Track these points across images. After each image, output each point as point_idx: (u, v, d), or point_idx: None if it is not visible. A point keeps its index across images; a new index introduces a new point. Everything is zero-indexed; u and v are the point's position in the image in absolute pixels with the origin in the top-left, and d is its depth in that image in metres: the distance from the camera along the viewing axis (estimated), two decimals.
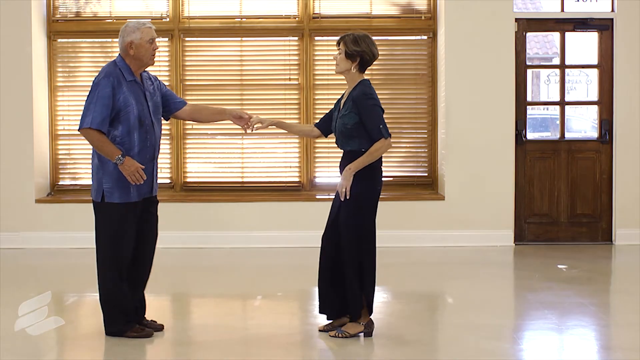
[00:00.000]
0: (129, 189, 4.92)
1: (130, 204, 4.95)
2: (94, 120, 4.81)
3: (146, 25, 5.00)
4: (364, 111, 4.89)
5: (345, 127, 4.95)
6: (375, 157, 4.95)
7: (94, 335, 5.19)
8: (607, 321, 5.61)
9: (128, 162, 4.83)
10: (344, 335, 4.99)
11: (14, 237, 8.23)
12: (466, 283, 6.72)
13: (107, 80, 4.87)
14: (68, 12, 8.64)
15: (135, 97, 4.93)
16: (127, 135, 4.90)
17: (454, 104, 8.23)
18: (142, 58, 4.99)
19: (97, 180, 4.96)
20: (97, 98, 4.85)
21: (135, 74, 5.00)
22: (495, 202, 8.28)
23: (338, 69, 5.05)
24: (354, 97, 4.95)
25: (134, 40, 4.96)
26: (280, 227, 8.30)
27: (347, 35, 5.01)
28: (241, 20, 8.62)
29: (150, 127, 5.00)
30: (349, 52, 4.97)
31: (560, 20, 8.44)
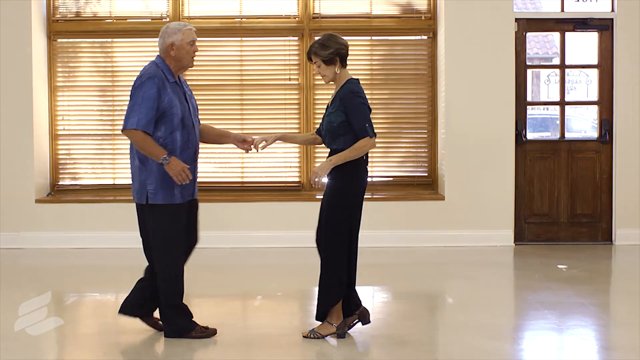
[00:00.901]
0: (173, 190, 4.88)
1: (175, 205, 4.91)
2: (139, 121, 4.76)
3: (187, 27, 4.99)
4: (350, 109, 4.87)
5: (332, 125, 4.93)
6: (358, 155, 4.89)
7: (94, 335, 5.20)
8: (607, 321, 5.61)
9: (174, 162, 4.79)
10: (316, 335, 4.98)
11: (14, 237, 8.23)
12: (466, 283, 6.72)
13: (152, 81, 4.83)
14: (68, 12, 8.64)
15: (179, 99, 4.92)
16: (170, 137, 4.86)
17: (454, 104, 8.23)
18: (182, 60, 4.97)
19: (140, 181, 4.91)
20: (142, 99, 4.79)
21: (175, 75, 4.98)
22: (495, 202, 8.28)
23: (327, 79, 5.01)
24: (341, 95, 4.93)
25: (175, 41, 4.94)
26: (280, 227, 8.30)
27: (313, 46, 4.98)
28: (241, 20, 8.62)
29: (192, 128, 4.98)
30: (325, 59, 4.95)
31: (560, 20, 8.44)
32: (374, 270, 7.28)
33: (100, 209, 8.34)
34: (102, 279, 7.02)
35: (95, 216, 8.31)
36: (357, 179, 4.96)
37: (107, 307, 6.18)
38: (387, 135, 8.64)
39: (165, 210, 4.90)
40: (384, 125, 8.63)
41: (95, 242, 8.23)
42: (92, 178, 8.67)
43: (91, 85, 8.67)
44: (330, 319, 5.01)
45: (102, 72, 8.66)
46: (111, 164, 8.65)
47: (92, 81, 8.67)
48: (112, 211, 8.30)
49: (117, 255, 7.95)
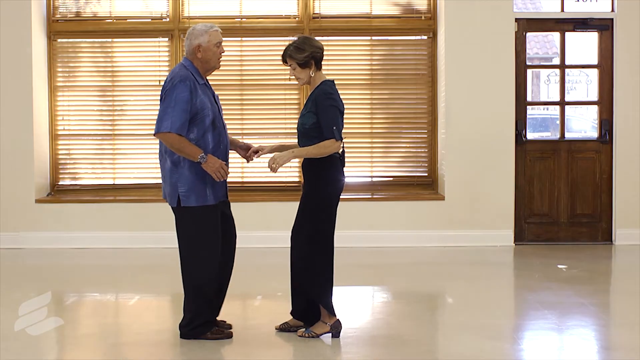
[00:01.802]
0: (205, 191, 4.89)
1: (208, 207, 4.91)
2: (173, 124, 4.75)
3: (214, 29, 4.98)
4: (320, 109, 4.87)
5: (304, 127, 4.94)
6: (321, 154, 4.87)
7: (94, 335, 5.20)
8: (607, 321, 5.61)
9: (211, 159, 4.82)
10: (311, 335, 4.99)
11: (14, 237, 8.23)
12: (466, 283, 6.72)
13: (184, 84, 4.81)
14: (68, 12, 8.64)
15: (209, 100, 4.93)
16: (202, 138, 4.87)
17: (454, 104, 8.23)
18: (209, 61, 4.97)
19: (171, 184, 4.90)
20: (175, 102, 4.78)
21: (203, 76, 4.99)
22: (495, 202, 8.28)
23: (302, 81, 5.03)
24: (315, 96, 4.94)
25: (201, 43, 4.94)
26: (280, 227, 8.27)
27: (288, 48, 4.98)
28: (241, 20, 8.62)
29: (222, 128, 5.00)
30: (300, 62, 4.96)
31: (560, 20, 8.44)
32: (374, 270, 7.29)
33: (100, 209, 8.35)
34: (102, 279, 7.02)
35: (95, 216, 8.31)
36: (333, 181, 4.96)
37: (107, 307, 6.19)
38: (387, 135, 8.64)
39: (197, 212, 4.90)
40: (384, 125, 8.64)
41: (95, 242, 8.23)
42: (92, 178, 8.67)
43: (91, 85, 8.67)
44: (323, 318, 5.02)
45: (102, 72, 8.66)
46: (111, 164, 8.65)
47: (92, 81, 8.67)
48: (112, 211, 8.30)
49: (117, 255, 7.96)
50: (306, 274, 5.03)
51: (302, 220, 5.02)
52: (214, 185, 4.93)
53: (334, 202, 5.00)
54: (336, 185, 4.99)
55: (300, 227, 5.03)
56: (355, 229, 8.25)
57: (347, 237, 8.16)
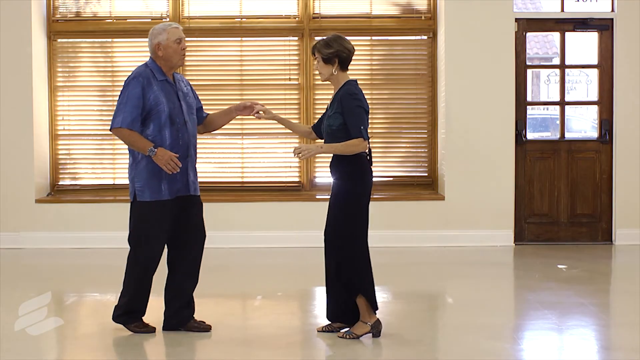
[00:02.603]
0: (160, 186, 4.98)
1: (161, 202, 4.99)
2: (124, 120, 4.90)
3: (172, 26, 5.09)
4: (347, 111, 4.90)
5: (331, 128, 4.97)
6: (349, 152, 4.90)
7: (94, 335, 5.20)
8: (607, 321, 5.61)
9: (160, 152, 4.90)
10: (352, 336, 4.99)
11: (14, 237, 8.23)
12: (466, 283, 6.72)
13: (137, 80, 4.95)
14: (68, 12, 8.64)
15: (167, 96, 5.01)
16: (159, 134, 4.97)
17: (454, 104, 8.23)
18: (170, 58, 5.05)
19: (130, 179, 5.05)
20: (127, 98, 4.93)
21: (167, 74, 5.08)
22: (495, 202, 8.28)
23: (323, 77, 5.06)
24: (340, 97, 4.96)
25: (161, 41, 5.04)
26: (280, 227, 8.30)
27: (318, 42, 5.04)
28: (241, 20, 8.62)
29: (183, 125, 5.05)
30: (324, 57, 4.99)
31: (560, 20, 8.44)
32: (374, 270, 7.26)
33: (100, 209, 8.34)
34: (102, 279, 7.01)
35: (95, 216, 8.31)
36: (362, 181, 4.97)
37: (107, 307, 6.16)
38: (387, 135, 8.64)
39: (151, 206, 5.00)
40: (384, 125, 8.64)
41: (95, 242, 8.23)
42: (92, 178, 8.67)
43: (91, 85, 8.67)
44: (363, 318, 5.01)
45: (102, 72, 8.66)
46: (111, 164, 8.65)
47: (92, 81, 8.67)
48: (112, 211, 8.30)
49: (117, 255, 7.89)
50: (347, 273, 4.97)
51: (334, 221, 4.99)
52: (170, 180, 5.00)
53: (365, 200, 5.00)
54: (366, 183, 4.99)
55: (333, 228, 4.99)
56: None
57: None
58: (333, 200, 5.02)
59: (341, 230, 4.96)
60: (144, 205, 5.00)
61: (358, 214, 4.98)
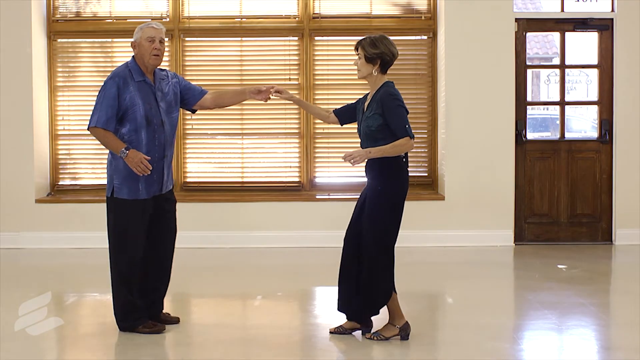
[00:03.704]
0: (138, 186, 5.04)
1: (139, 201, 5.05)
2: (99, 119, 4.97)
3: (149, 25, 5.11)
4: (388, 111, 4.87)
5: (370, 129, 4.92)
6: (397, 152, 4.88)
7: (94, 335, 5.20)
8: (607, 321, 5.61)
9: (132, 153, 4.95)
10: (380, 338, 4.98)
11: (14, 237, 8.23)
12: (466, 283, 6.72)
13: (113, 81, 5.00)
14: (68, 12, 8.64)
15: (143, 97, 5.03)
16: (135, 133, 5.02)
17: (454, 104, 8.23)
18: (143, 57, 5.09)
19: (109, 176, 5.12)
20: (103, 98, 4.99)
21: (146, 74, 5.10)
22: (495, 202, 8.28)
23: (360, 74, 5.02)
24: (379, 98, 4.92)
25: (135, 40, 5.11)
26: (280, 227, 8.30)
27: (365, 39, 4.99)
28: (241, 20, 8.62)
29: (160, 126, 5.08)
30: (368, 56, 4.94)
31: (560, 20, 8.44)
32: None
33: (100, 209, 8.24)
34: (102, 279, 6.98)
35: (95, 216, 8.28)
36: (399, 180, 4.96)
37: (107, 307, 6.17)
38: None
39: (127, 204, 5.07)
40: None
41: (95, 242, 8.21)
42: (92, 178, 8.67)
43: (91, 85, 8.65)
44: (392, 320, 5.01)
45: (102, 72, 8.65)
46: None
47: (92, 81, 8.66)
48: None
49: None
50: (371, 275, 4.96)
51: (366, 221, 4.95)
52: (148, 181, 5.07)
53: (400, 200, 4.99)
54: (402, 183, 4.98)
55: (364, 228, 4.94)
56: None
57: None
58: (371, 201, 4.96)
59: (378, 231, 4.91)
60: (120, 203, 5.07)
61: (394, 217, 4.95)
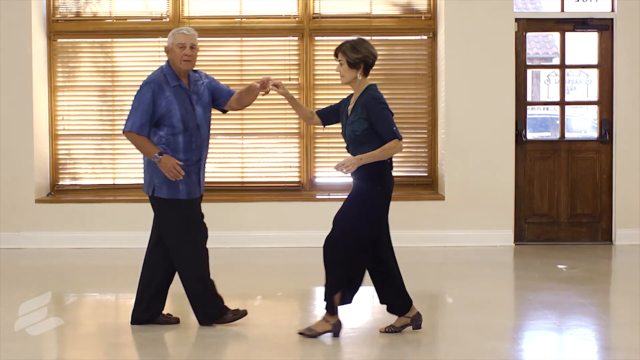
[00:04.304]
0: (178, 186, 5.10)
1: (179, 201, 5.12)
2: (133, 124, 5.05)
3: (180, 31, 5.20)
4: (374, 115, 4.85)
5: (355, 133, 4.91)
6: (387, 155, 4.87)
7: (94, 335, 5.20)
8: (607, 321, 5.61)
9: (165, 159, 5.01)
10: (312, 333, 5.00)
11: (14, 237, 8.23)
12: (466, 283, 6.72)
13: (148, 86, 5.07)
14: (68, 12, 8.64)
15: (179, 102, 5.10)
16: (172, 137, 5.09)
17: (454, 104, 8.23)
18: (174, 62, 5.16)
19: (149, 174, 5.16)
20: (138, 103, 5.07)
21: (180, 78, 5.16)
22: (495, 202, 8.28)
23: (344, 80, 5.00)
24: (363, 103, 4.91)
25: (167, 45, 5.19)
26: (280, 227, 8.30)
27: (344, 44, 4.96)
28: (241, 20, 8.62)
29: (196, 130, 5.15)
30: (351, 61, 4.93)
31: (560, 20, 8.44)
32: None
33: (100, 209, 8.35)
34: (102, 279, 7.02)
35: (95, 216, 8.31)
36: (382, 182, 4.94)
37: (107, 307, 6.19)
38: None
39: (169, 204, 5.12)
40: None
41: (95, 242, 8.23)
42: (92, 178, 8.67)
43: (91, 85, 8.67)
44: (327, 317, 5.01)
45: (102, 72, 8.66)
46: (111, 164, 8.65)
47: (92, 81, 8.67)
48: (112, 211, 8.31)
49: (117, 255, 7.95)
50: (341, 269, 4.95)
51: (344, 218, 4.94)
52: (188, 182, 5.13)
53: (382, 202, 4.95)
54: (388, 187, 4.96)
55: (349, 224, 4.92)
56: None
57: None
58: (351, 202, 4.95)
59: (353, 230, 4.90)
60: (162, 202, 5.12)
61: (374, 219, 4.92)
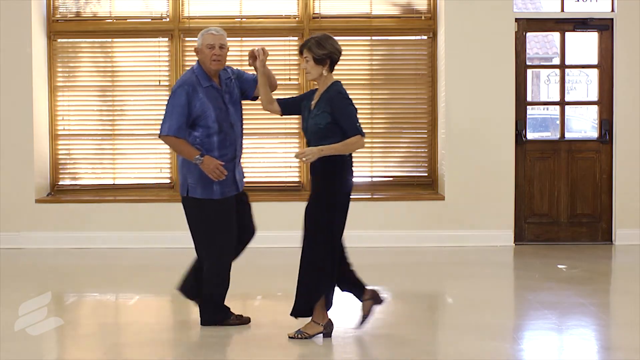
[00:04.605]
0: (212, 186, 5.12)
1: (213, 201, 5.13)
2: (170, 128, 5.07)
3: (209, 32, 5.26)
4: (339, 111, 4.89)
5: (318, 127, 4.92)
6: (349, 150, 4.91)
7: (94, 335, 5.20)
8: (607, 321, 5.61)
9: (207, 160, 5.04)
10: (304, 335, 4.98)
11: (14, 237, 8.23)
12: (466, 283, 6.72)
13: (182, 89, 5.09)
14: (68, 12, 8.64)
15: (212, 102, 5.14)
16: (207, 138, 5.12)
17: (454, 104, 8.23)
18: (204, 63, 5.20)
19: (182, 175, 5.19)
20: (172, 107, 5.09)
21: (212, 78, 5.19)
22: (495, 202, 8.28)
23: (310, 76, 5.02)
24: (329, 97, 4.93)
25: (197, 46, 5.25)
26: (280, 227, 8.29)
27: (309, 41, 4.98)
28: (241, 20, 8.62)
29: (229, 128, 5.19)
30: (317, 57, 4.95)
31: (560, 20, 8.44)
32: (374, 270, 7.27)
33: (100, 209, 8.35)
34: (102, 279, 7.02)
35: (95, 216, 8.31)
36: (342, 178, 4.96)
37: (107, 307, 6.19)
38: (387, 135, 8.64)
39: (203, 204, 5.15)
40: (384, 125, 8.64)
41: (95, 242, 8.23)
42: (92, 178, 8.67)
43: (91, 85, 8.67)
44: (316, 318, 5.01)
45: (102, 72, 8.66)
46: (111, 164, 8.65)
47: (92, 81, 8.67)
48: (112, 211, 8.31)
49: (117, 255, 7.96)
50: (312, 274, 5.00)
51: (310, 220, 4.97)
52: (222, 181, 5.13)
53: (345, 200, 5.00)
54: (347, 184, 4.99)
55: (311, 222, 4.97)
56: (355, 229, 8.21)
57: (347, 237, 8.14)
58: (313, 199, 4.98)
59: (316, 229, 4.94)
60: (196, 202, 5.14)
61: (337, 217, 4.97)
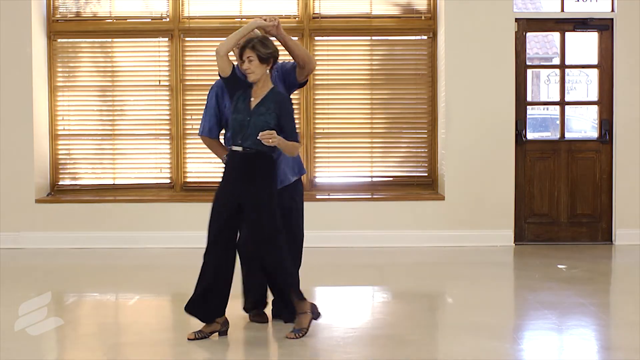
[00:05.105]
0: None
1: None
2: (203, 129, 5.28)
3: None
4: (286, 115, 4.95)
5: (268, 125, 4.89)
6: (292, 152, 5.03)
7: (94, 335, 5.20)
8: (607, 321, 5.61)
9: None
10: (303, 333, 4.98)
11: (14, 237, 8.23)
12: (466, 283, 6.72)
13: (213, 90, 5.25)
14: (68, 12, 8.64)
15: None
16: None
17: (454, 104, 8.23)
18: None
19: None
20: (206, 108, 5.28)
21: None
22: (495, 202, 8.28)
23: (254, 76, 4.92)
24: (278, 100, 4.95)
25: None
26: None
27: (251, 41, 4.92)
28: (241, 21, 8.61)
29: None
30: (263, 56, 4.91)
31: (560, 20, 8.44)
32: (374, 271, 7.29)
33: (100, 209, 8.35)
34: (102, 279, 7.02)
35: (95, 216, 8.31)
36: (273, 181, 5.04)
37: (107, 307, 6.19)
38: (387, 135, 8.64)
39: None
40: (384, 125, 8.64)
41: (95, 242, 8.23)
42: (92, 178, 8.67)
43: (91, 85, 8.67)
44: (301, 309, 5.02)
45: (102, 72, 8.66)
46: (111, 164, 8.65)
47: (92, 81, 8.67)
48: (112, 211, 8.31)
49: (117, 255, 7.96)
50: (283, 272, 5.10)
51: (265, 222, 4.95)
52: None
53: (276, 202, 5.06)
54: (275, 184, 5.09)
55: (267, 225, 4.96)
56: (355, 229, 8.25)
57: (347, 237, 8.17)
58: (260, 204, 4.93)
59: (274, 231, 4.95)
60: None
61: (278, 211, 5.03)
